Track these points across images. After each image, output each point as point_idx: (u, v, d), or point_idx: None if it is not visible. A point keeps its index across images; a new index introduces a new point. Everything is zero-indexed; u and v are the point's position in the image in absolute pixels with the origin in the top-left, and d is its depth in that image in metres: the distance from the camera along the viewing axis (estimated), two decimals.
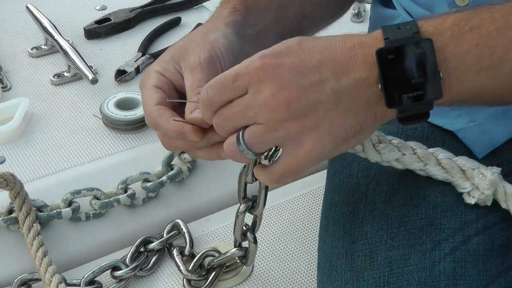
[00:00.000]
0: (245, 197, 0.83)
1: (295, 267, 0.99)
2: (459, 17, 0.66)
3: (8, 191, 1.00)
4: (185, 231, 1.00)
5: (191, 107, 0.73)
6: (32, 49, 1.41)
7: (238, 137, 0.68)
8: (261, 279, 0.97)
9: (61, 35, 1.39)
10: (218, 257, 0.95)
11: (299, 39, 0.68)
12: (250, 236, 0.88)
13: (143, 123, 1.19)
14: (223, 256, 0.95)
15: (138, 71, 1.36)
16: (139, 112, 1.21)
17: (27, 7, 1.47)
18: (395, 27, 0.66)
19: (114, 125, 1.21)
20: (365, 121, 0.67)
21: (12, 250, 1.00)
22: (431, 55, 0.64)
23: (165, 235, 1.00)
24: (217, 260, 0.95)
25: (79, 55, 1.33)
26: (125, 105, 1.23)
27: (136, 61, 1.37)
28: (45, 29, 1.40)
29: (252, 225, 0.87)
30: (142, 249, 0.99)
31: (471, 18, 0.65)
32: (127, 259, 0.96)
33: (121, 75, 1.34)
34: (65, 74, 1.34)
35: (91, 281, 0.94)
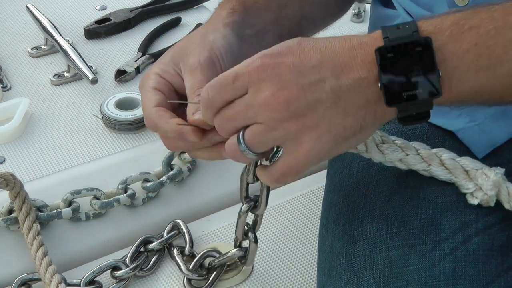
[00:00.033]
0: (247, 197, 0.83)
1: (295, 267, 0.99)
2: (458, 16, 0.66)
3: (8, 191, 1.00)
4: (185, 231, 1.00)
5: (193, 109, 0.73)
6: (32, 49, 1.41)
7: (238, 137, 0.68)
8: (261, 279, 0.97)
9: (61, 35, 1.39)
10: (218, 258, 0.95)
11: (299, 39, 0.68)
12: (251, 235, 0.88)
13: (143, 123, 1.18)
14: (223, 256, 0.95)
15: (138, 71, 1.36)
16: (139, 112, 1.21)
17: (27, 7, 1.47)
18: (394, 27, 0.66)
19: (114, 125, 1.21)
20: (364, 120, 0.67)
21: (12, 250, 1.00)
22: (430, 54, 0.64)
23: (165, 235, 1.00)
24: (217, 260, 0.95)
25: (79, 55, 1.33)
26: (125, 105, 1.23)
27: (136, 61, 1.38)
28: (45, 29, 1.40)
29: (253, 224, 0.87)
30: (142, 249, 0.99)
31: (470, 17, 0.65)
32: (127, 259, 0.96)
33: (121, 75, 1.34)
34: (65, 74, 1.34)
35: (91, 281, 0.94)
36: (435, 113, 0.68)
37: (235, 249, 0.93)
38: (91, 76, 1.28)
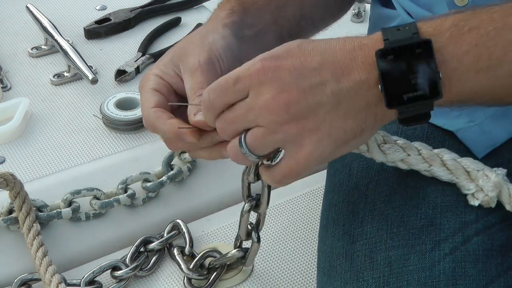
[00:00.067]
0: (249, 196, 0.83)
1: (295, 267, 0.99)
2: (458, 18, 0.66)
3: (8, 191, 1.00)
4: (185, 231, 1.00)
5: (194, 110, 0.73)
6: (32, 49, 1.41)
7: (240, 140, 0.68)
8: (261, 279, 0.97)
9: (61, 35, 1.39)
10: (219, 258, 0.95)
11: (299, 41, 0.68)
12: (254, 235, 0.88)
13: (143, 123, 1.19)
14: (223, 257, 0.95)
15: (138, 71, 1.36)
16: (139, 112, 1.21)
17: (27, 7, 1.47)
18: (394, 28, 0.66)
19: (114, 125, 1.21)
20: (365, 123, 0.67)
21: (12, 250, 1.00)
22: (431, 56, 0.64)
23: (165, 235, 1.00)
24: (218, 261, 0.95)
25: (79, 55, 1.33)
26: (125, 105, 1.23)
27: (136, 61, 1.38)
28: (45, 29, 1.41)
29: (256, 223, 0.88)
30: (142, 249, 0.99)
31: (470, 19, 0.65)
32: (127, 259, 0.96)
33: (121, 75, 1.34)
34: (65, 74, 1.34)
35: (91, 281, 0.94)
36: (435, 113, 0.68)
37: (235, 250, 0.93)
38: (91, 76, 1.28)
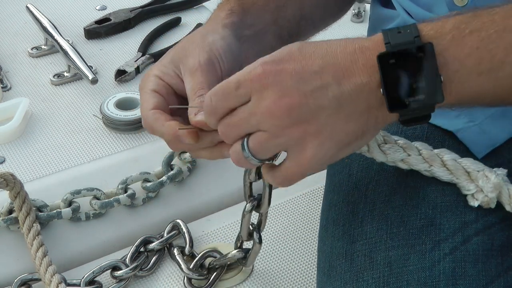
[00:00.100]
0: (251, 196, 0.83)
1: (295, 267, 0.99)
2: (459, 20, 0.66)
3: (8, 191, 1.00)
4: (185, 231, 1.00)
5: (195, 110, 0.73)
6: (32, 49, 1.41)
7: (243, 144, 0.68)
8: (261, 279, 0.97)
9: (61, 35, 1.39)
10: (219, 259, 0.95)
11: (300, 44, 0.68)
12: (256, 236, 0.88)
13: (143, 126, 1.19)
14: (224, 257, 0.95)
15: (138, 71, 1.36)
16: (139, 112, 1.19)
17: (27, 7, 1.47)
18: (395, 30, 0.66)
19: (114, 125, 1.21)
20: (366, 126, 0.67)
21: (12, 250, 1.00)
22: (432, 59, 0.64)
23: (165, 235, 1.00)
24: (218, 261, 0.95)
25: (79, 55, 1.33)
26: (125, 105, 1.23)
27: (136, 61, 1.38)
28: (45, 29, 1.41)
29: (257, 224, 0.88)
30: (142, 249, 0.99)
31: (471, 21, 0.65)
32: (127, 259, 0.96)
33: (121, 75, 1.34)
34: (65, 74, 1.34)
35: (91, 281, 0.94)
36: (435, 113, 0.68)
37: (236, 251, 0.93)
38: (91, 76, 1.28)
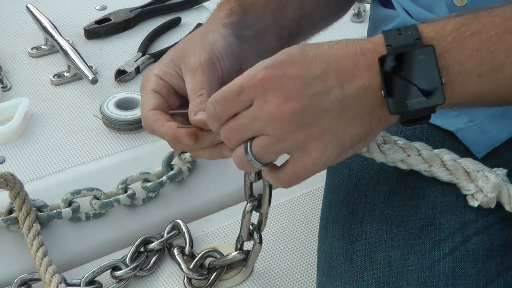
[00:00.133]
0: (251, 196, 0.83)
1: (295, 267, 0.99)
2: (460, 21, 0.66)
3: (8, 191, 1.00)
4: (185, 231, 1.00)
5: (195, 109, 0.73)
6: (32, 49, 1.41)
7: (246, 148, 0.68)
8: (261, 279, 0.97)
9: (61, 35, 1.39)
10: (219, 259, 0.95)
11: (301, 47, 0.67)
12: (256, 236, 0.88)
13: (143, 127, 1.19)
14: (224, 258, 0.95)
15: (138, 71, 1.36)
16: (139, 112, 1.19)
17: (27, 7, 1.47)
18: (396, 32, 0.66)
19: (114, 125, 1.21)
20: (370, 127, 0.67)
21: (12, 250, 1.00)
22: (433, 62, 0.64)
23: (165, 235, 1.00)
24: (218, 261, 0.95)
25: (79, 55, 1.33)
26: (125, 105, 1.23)
27: (136, 61, 1.38)
28: (45, 29, 1.41)
29: (258, 224, 0.88)
30: (142, 249, 0.99)
31: (472, 23, 0.65)
32: (127, 259, 0.96)
33: (121, 75, 1.34)
34: (65, 74, 1.34)
35: (91, 281, 0.94)
36: (435, 113, 0.68)
37: (236, 252, 0.93)
38: (91, 76, 1.28)
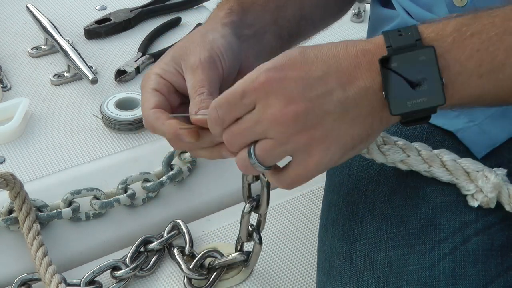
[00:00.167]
0: (250, 197, 0.83)
1: (295, 267, 0.99)
2: (460, 22, 0.66)
3: (8, 191, 1.00)
4: (185, 231, 1.00)
5: (196, 108, 0.73)
6: (32, 49, 1.41)
7: (249, 152, 0.68)
8: (261, 279, 0.97)
9: (61, 35, 1.39)
10: (219, 259, 0.95)
11: (301, 49, 0.68)
12: (256, 236, 0.88)
13: (144, 125, 1.19)
14: (224, 259, 0.95)
15: (138, 71, 1.36)
16: (139, 112, 1.21)
17: (27, 7, 1.47)
18: (396, 33, 0.66)
19: (114, 125, 1.21)
20: (371, 128, 0.68)
21: (12, 250, 1.00)
22: (434, 63, 0.65)
23: (165, 235, 1.00)
24: (218, 262, 0.95)
25: (79, 55, 1.33)
26: (125, 105, 1.23)
27: (136, 61, 1.38)
28: (45, 29, 1.41)
29: (257, 224, 0.88)
30: (142, 249, 0.99)
31: (472, 23, 0.66)
32: (127, 259, 0.96)
33: (121, 75, 1.34)
34: (65, 74, 1.35)
35: (91, 281, 0.94)
36: (435, 113, 0.68)
37: (237, 253, 0.93)
38: (91, 76, 1.28)
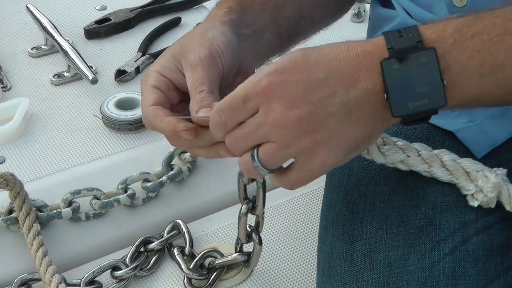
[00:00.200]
0: (246, 198, 0.83)
1: (295, 267, 0.99)
2: (461, 23, 0.66)
3: (8, 191, 1.00)
4: (185, 231, 1.00)
5: (196, 107, 0.73)
6: (32, 49, 1.41)
7: (253, 155, 0.68)
8: (261, 279, 0.97)
9: (61, 35, 1.39)
10: (219, 259, 0.95)
11: (302, 51, 0.67)
12: (255, 237, 0.88)
13: (143, 123, 1.19)
14: (225, 259, 0.95)
15: (138, 71, 1.36)
16: (139, 112, 1.21)
17: (27, 7, 1.47)
18: (397, 33, 0.66)
19: (114, 125, 1.21)
20: (373, 128, 0.68)
21: (12, 250, 1.00)
22: (435, 64, 0.65)
23: (165, 235, 1.00)
24: (218, 262, 0.95)
25: (79, 55, 1.33)
26: (125, 105, 1.23)
27: (136, 61, 1.38)
28: (45, 29, 1.41)
29: (255, 225, 0.87)
30: (142, 249, 0.99)
31: (473, 24, 0.66)
32: (127, 259, 0.96)
33: (121, 75, 1.34)
34: (65, 74, 1.35)
35: (91, 281, 0.94)
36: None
37: (237, 254, 0.93)
38: (91, 76, 1.28)
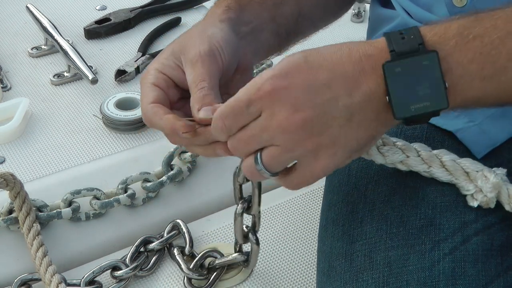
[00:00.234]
0: (241, 198, 0.83)
1: (295, 267, 0.99)
2: (462, 25, 0.66)
3: (8, 191, 1.00)
4: (185, 231, 1.00)
5: (197, 105, 0.74)
6: (32, 49, 1.41)
7: (256, 158, 0.68)
8: (261, 279, 0.97)
9: (61, 35, 1.39)
10: (219, 259, 0.95)
11: (304, 54, 0.68)
12: (252, 237, 0.88)
13: (143, 123, 1.19)
14: (224, 259, 0.95)
15: (138, 71, 1.36)
16: (139, 112, 1.21)
17: (27, 7, 1.47)
18: (398, 35, 0.66)
19: (114, 125, 1.21)
20: (376, 130, 0.68)
21: (12, 250, 1.00)
22: (437, 67, 0.65)
23: (165, 235, 1.00)
24: (218, 262, 0.95)
25: (79, 55, 1.33)
26: (125, 105, 1.23)
27: (136, 61, 1.38)
28: (45, 29, 1.41)
29: (252, 225, 0.87)
30: (142, 249, 0.99)
31: (474, 26, 0.66)
32: (127, 259, 0.96)
33: (121, 75, 1.34)
34: (65, 74, 1.35)
35: (91, 281, 0.94)
36: None
37: (237, 254, 0.93)
38: (91, 76, 1.28)
